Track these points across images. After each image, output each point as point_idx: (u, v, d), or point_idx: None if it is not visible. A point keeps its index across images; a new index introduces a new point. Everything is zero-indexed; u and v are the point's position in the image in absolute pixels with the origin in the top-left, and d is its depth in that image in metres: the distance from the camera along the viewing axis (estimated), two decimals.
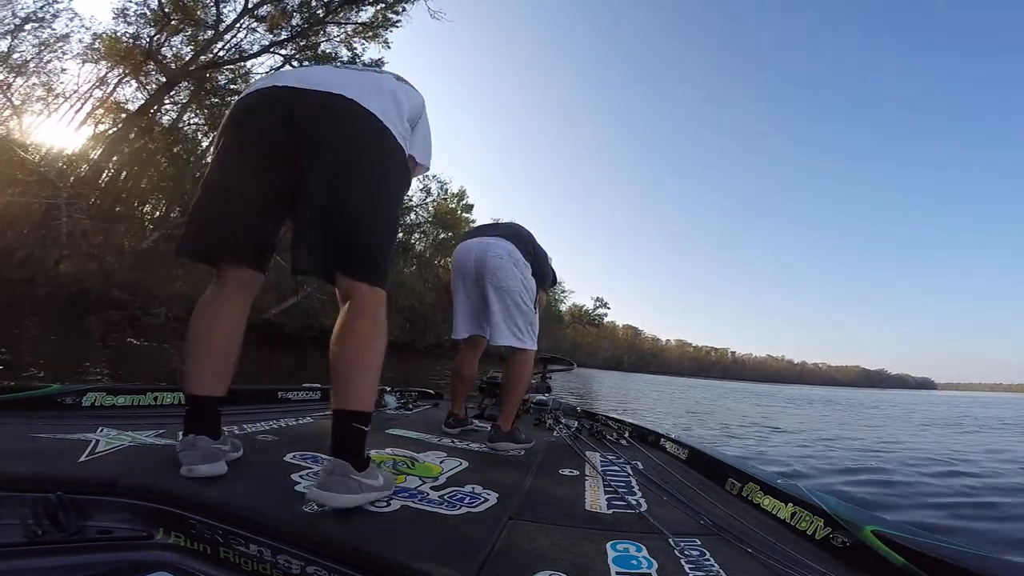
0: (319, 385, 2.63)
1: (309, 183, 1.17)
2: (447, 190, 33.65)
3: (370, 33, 18.80)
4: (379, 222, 1.23)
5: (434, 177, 32.53)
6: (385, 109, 1.27)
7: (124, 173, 17.43)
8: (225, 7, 16.49)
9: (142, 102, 16.39)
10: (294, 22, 17.45)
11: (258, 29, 17.39)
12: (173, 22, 16.01)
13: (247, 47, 17.59)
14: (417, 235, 32.27)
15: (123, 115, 16.23)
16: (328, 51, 18.73)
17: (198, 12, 16.11)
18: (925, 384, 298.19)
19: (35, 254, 11.49)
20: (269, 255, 1.31)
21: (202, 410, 1.19)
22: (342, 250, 1.17)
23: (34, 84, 14.90)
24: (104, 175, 16.79)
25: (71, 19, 15.09)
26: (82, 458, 1.08)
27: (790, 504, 1.28)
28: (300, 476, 1.19)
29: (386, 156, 1.26)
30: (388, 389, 2.91)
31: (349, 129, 1.20)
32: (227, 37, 17.21)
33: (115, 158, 16.44)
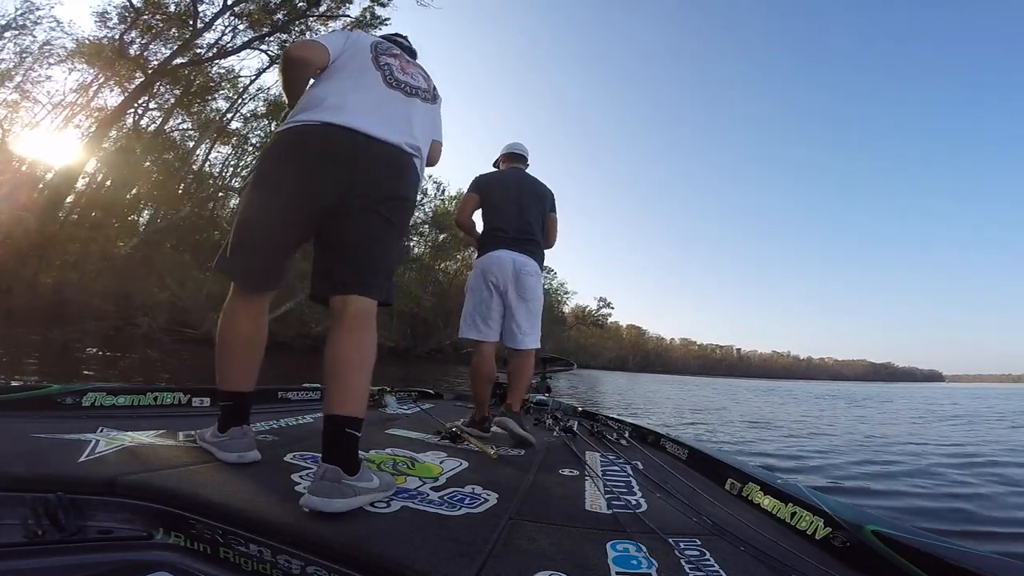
0: (319, 385, 2.64)
1: (358, 223, 1.33)
2: (444, 191, 33.51)
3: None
4: (398, 253, 1.51)
5: (431, 178, 32.42)
6: (424, 149, 1.53)
7: (108, 181, 17.18)
8: (203, 6, 16.15)
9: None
10: (276, 17, 17.16)
11: (239, 27, 17.12)
12: (145, 17, 15.70)
13: (231, 48, 17.40)
14: (416, 238, 32.09)
15: (99, 116, 16.02)
16: None
17: (170, 6, 15.79)
18: (933, 376, 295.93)
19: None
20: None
21: (247, 404, 1.34)
22: (369, 278, 1.34)
23: (11, 89, 14.79)
24: (83, 181, 16.56)
25: (53, 27, 14.94)
26: (82, 458, 1.08)
27: (790, 504, 1.28)
28: (300, 476, 1.20)
29: (414, 199, 1.52)
30: (388, 389, 2.91)
31: (404, 190, 1.42)
32: (209, 37, 16.97)
33: (92, 162, 16.26)
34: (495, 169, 2.72)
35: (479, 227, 2.54)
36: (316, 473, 1.05)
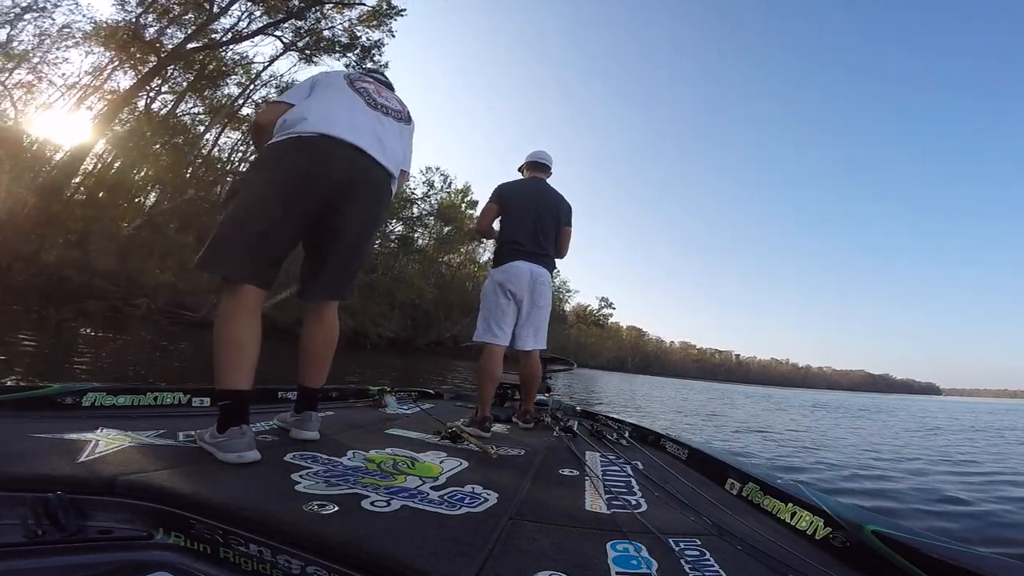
0: None
1: (349, 231, 1.55)
2: (451, 184, 33.40)
3: (374, 22, 18.61)
4: (369, 255, 1.82)
5: (437, 170, 32.40)
6: (400, 163, 1.70)
7: (118, 162, 17.18)
8: None
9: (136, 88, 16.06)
10: (292, 3, 17.09)
11: (255, 12, 17.07)
12: (162, 1, 15.74)
13: (245, 33, 17.33)
14: (420, 230, 32.00)
15: (111, 99, 15.97)
16: (330, 37, 18.50)
17: None
18: (930, 389, 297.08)
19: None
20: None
21: (245, 403, 1.36)
22: (348, 287, 1.69)
23: (30, 72, 14.73)
24: (92, 162, 16.58)
25: (72, 9, 14.91)
26: (82, 458, 1.08)
27: (790, 504, 1.28)
28: (300, 476, 1.19)
29: (387, 207, 1.75)
30: (388, 389, 2.91)
31: (383, 199, 1.64)
32: (225, 23, 16.96)
33: (102, 143, 16.29)
34: (517, 177, 2.83)
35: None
36: (303, 416, 1.63)
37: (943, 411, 22.06)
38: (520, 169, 2.87)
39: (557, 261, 2.75)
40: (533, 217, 2.56)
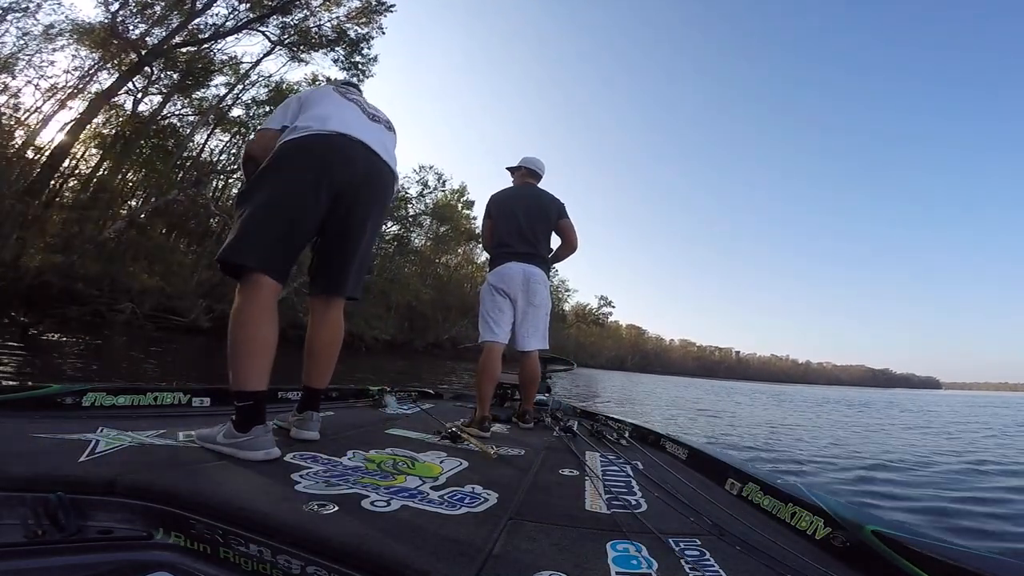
0: None
1: (361, 228, 1.58)
2: (445, 182, 33.23)
3: (363, 19, 18.53)
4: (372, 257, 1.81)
5: (431, 168, 32.26)
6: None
7: (103, 164, 17.01)
8: None
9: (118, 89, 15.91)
10: None
11: (239, 8, 17.00)
12: None
13: (227, 29, 17.24)
14: (415, 231, 31.84)
15: (92, 98, 15.78)
16: (317, 33, 18.41)
17: None
18: (930, 383, 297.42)
19: None
20: None
21: (264, 404, 1.36)
22: (359, 285, 1.70)
23: (10, 76, 14.52)
24: (76, 164, 16.45)
25: (55, 8, 14.72)
26: (82, 458, 1.08)
27: (790, 504, 1.28)
28: (300, 476, 1.19)
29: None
30: (388, 389, 2.91)
31: (389, 199, 1.71)
32: (211, 20, 16.88)
33: (85, 144, 16.18)
34: (504, 188, 2.88)
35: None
36: (303, 416, 1.63)
37: (947, 406, 22.04)
38: (510, 169, 2.93)
39: (561, 255, 2.82)
40: (520, 219, 2.64)
